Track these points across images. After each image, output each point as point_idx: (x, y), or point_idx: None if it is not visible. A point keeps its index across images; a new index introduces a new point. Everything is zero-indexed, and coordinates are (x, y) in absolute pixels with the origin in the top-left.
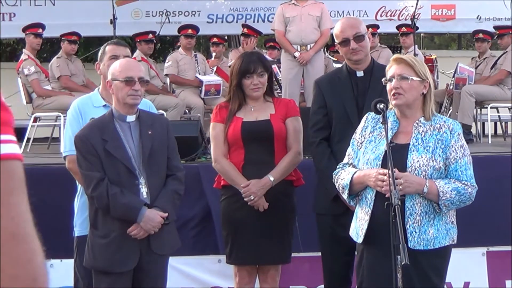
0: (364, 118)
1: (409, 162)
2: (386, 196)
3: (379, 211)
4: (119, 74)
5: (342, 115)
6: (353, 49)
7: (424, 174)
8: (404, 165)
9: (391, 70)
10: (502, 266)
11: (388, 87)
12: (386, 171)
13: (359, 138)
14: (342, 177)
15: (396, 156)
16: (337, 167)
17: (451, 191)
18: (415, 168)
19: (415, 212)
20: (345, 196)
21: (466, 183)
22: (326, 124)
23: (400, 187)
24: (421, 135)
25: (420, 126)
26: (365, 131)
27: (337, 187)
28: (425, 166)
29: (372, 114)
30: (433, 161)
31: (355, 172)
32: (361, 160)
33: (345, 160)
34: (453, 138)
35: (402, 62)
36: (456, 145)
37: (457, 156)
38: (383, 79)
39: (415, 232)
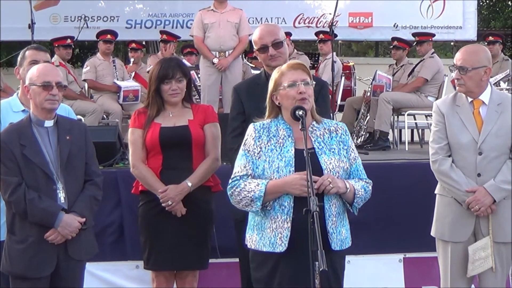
0: (251, 128)
1: (323, 165)
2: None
3: (300, 217)
4: (36, 79)
5: None
6: (271, 56)
7: (337, 175)
8: (318, 168)
9: (290, 75)
10: (419, 272)
11: (290, 92)
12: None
13: (254, 149)
14: (249, 189)
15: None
16: (233, 179)
17: (361, 189)
18: (330, 170)
19: (332, 214)
20: (254, 208)
21: (366, 180)
22: (244, 130)
23: (331, 190)
24: (321, 138)
25: (316, 129)
26: (259, 141)
27: (239, 200)
28: (337, 167)
29: (258, 123)
30: (341, 162)
31: (267, 183)
32: (267, 169)
33: (241, 172)
34: (349, 139)
35: (300, 67)
36: (352, 145)
37: (355, 156)
38: (286, 84)
39: (334, 233)
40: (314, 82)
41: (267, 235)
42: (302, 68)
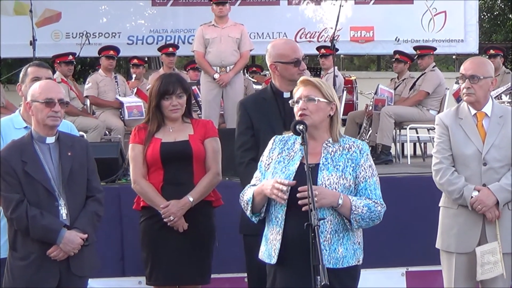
0: (271, 141)
1: (319, 180)
2: (306, 209)
3: (291, 230)
4: (39, 96)
5: (270, 136)
6: (302, 70)
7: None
8: (314, 183)
9: (298, 92)
10: (422, 286)
11: (295, 109)
12: (284, 180)
13: (266, 160)
14: (247, 194)
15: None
16: (244, 189)
17: (363, 207)
18: (325, 186)
19: (325, 230)
20: (248, 212)
21: (376, 201)
22: (254, 144)
23: (316, 198)
24: (331, 154)
25: (329, 146)
26: (272, 153)
27: (243, 206)
28: (336, 184)
29: (280, 136)
30: (343, 179)
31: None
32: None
33: (252, 182)
34: (362, 158)
35: (309, 84)
36: (365, 164)
37: (366, 175)
38: (290, 101)
39: (326, 250)
40: (331, 100)
41: (267, 247)
42: (312, 84)
